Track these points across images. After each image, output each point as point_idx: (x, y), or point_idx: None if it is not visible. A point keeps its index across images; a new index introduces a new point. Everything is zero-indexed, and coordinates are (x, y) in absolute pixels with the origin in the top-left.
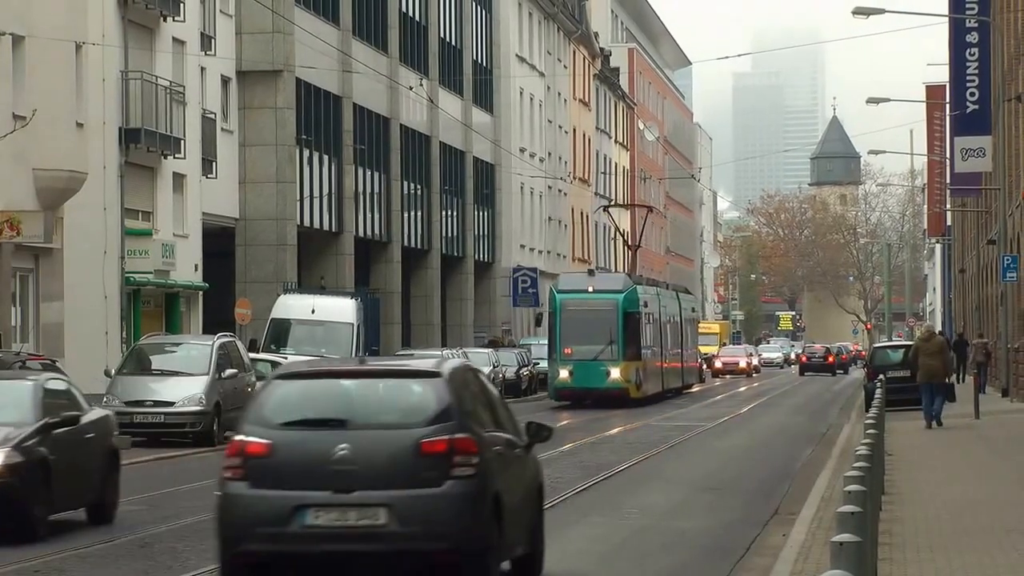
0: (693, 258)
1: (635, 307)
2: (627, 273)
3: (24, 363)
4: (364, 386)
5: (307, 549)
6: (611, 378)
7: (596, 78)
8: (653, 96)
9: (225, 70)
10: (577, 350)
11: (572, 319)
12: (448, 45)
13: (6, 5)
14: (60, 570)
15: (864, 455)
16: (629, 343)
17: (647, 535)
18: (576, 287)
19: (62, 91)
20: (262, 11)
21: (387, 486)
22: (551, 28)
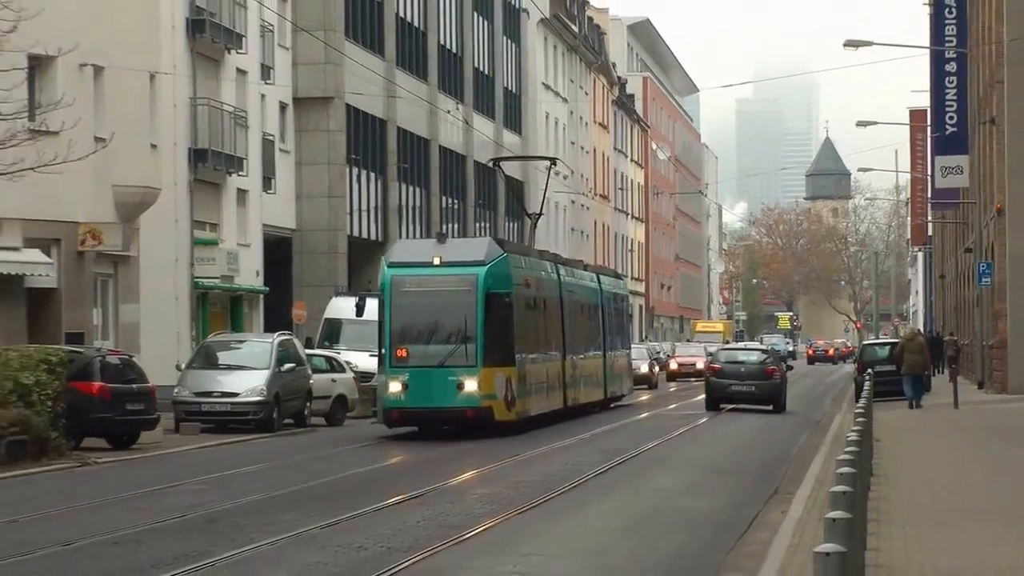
0: (700, 265)
1: (504, 286)
2: (495, 238)
3: (104, 358)
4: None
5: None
6: (464, 392)
7: (614, 103)
8: (665, 119)
9: (283, 97)
10: (415, 351)
11: (408, 305)
12: (481, 74)
13: (88, 40)
14: (137, 542)
15: (854, 440)
16: (494, 340)
17: (660, 513)
18: (416, 258)
19: (138, 116)
20: (315, 44)
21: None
22: (574, 59)
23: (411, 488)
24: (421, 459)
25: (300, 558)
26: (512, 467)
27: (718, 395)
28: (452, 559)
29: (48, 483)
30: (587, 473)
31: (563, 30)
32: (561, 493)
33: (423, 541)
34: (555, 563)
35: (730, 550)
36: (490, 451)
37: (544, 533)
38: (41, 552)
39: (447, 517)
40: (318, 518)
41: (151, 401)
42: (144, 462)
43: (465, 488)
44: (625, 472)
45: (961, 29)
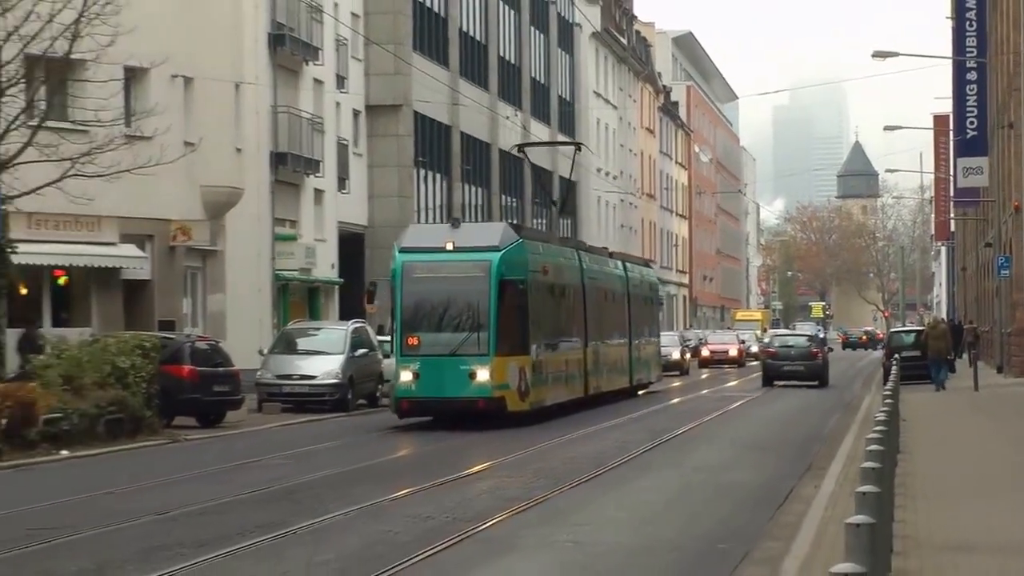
0: (740, 258)
1: (519, 273)
2: (511, 223)
3: (193, 343)
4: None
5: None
6: (476, 382)
7: (659, 110)
8: (706, 125)
9: (356, 104)
10: (426, 340)
11: (419, 292)
12: (538, 83)
13: (179, 53)
14: (223, 511)
15: (883, 420)
16: (507, 328)
17: (703, 487)
18: (428, 243)
19: (224, 122)
20: (386, 56)
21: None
22: (623, 69)
23: (471, 465)
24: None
25: (372, 527)
26: (562, 445)
27: (772, 374)
28: (511, 528)
29: (142, 458)
30: (634, 451)
31: (613, 43)
32: (610, 469)
33: (484, 512)
34: (606, 532)
35: (768, 521)
36: (535, 433)
37: (595, 505)
38: (137, 521)
39: (505, 490)
40: (388, 491)
41: (236, 383)
42: (229, 439)
43: (522, 463)
44: (669, 449)
45: (981, 40)
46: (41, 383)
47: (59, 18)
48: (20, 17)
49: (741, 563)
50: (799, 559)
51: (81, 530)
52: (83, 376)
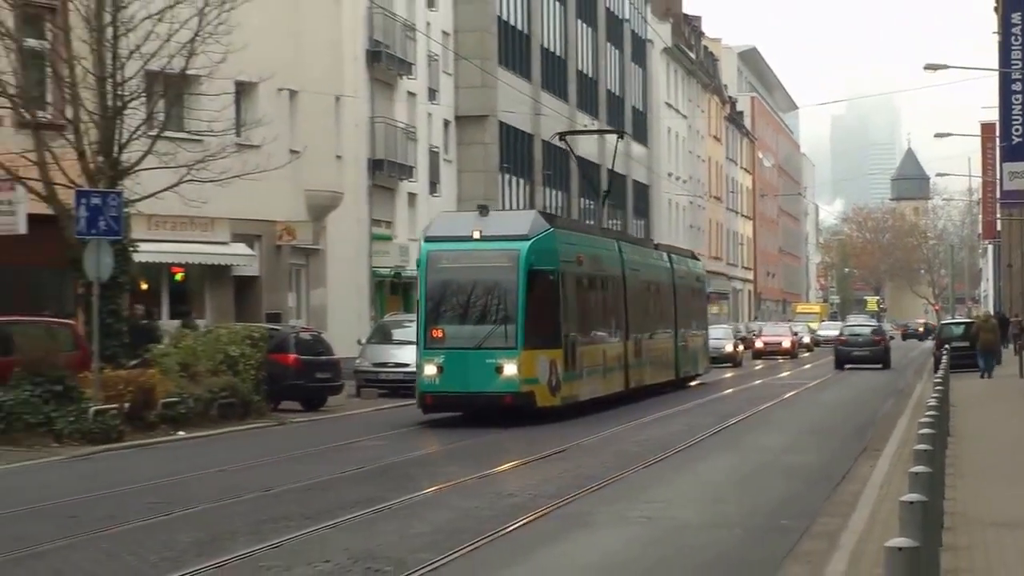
0: (800, 256)
1: (549, 262)
2: (543, 211)
3: (298, 334)
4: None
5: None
6: (504, 376)
7: (726, 119)
8: (769, 133)
9: (446, 115)
10: (452, 332)
11: (444, 283)
12: (613, 95)
13: (284, 68)
14: (325, 488)
15: (934, 406)
16: (537, 320)
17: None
18: (455, 232)
19: (325, 132)
20: (473, 70)
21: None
22: (691, 82)
23: (551, 447)
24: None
25: (460, 503)
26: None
27: (843, 358)
28: (589, 505)
29: (251, 439)
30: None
31: (682, 57)
32: (679, 451)
33: (564, 490)
34: (676, 508)
35: (826, 499)
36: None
37: (666, 484)
38: (247, 496)
39: (583, 470)
40: (475, 470)
41: (337, 370)
42: (331, 422)
43: (597, 446)
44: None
45: None
46: (160, 370)
47: (176, 37)
48: (141, 37)
49: (802, 538)
50: (856, 534)
51: (196, 504)
52: (198, 364)
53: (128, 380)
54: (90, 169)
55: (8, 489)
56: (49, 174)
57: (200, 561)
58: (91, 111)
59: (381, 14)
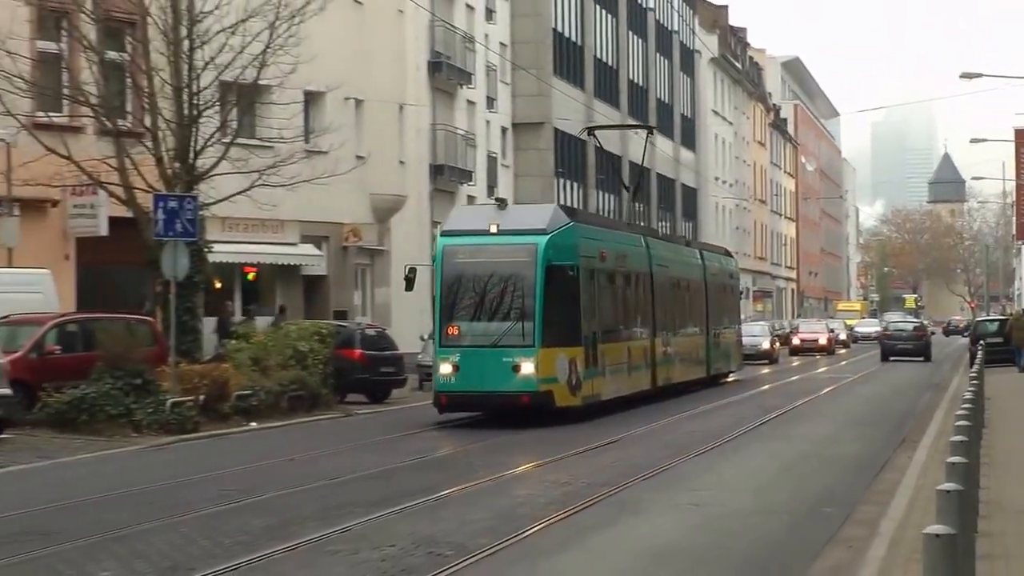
0: (841, 256)
1: (569, 258)
2: (564, 205)
3: (363, 330)
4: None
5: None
6: (521, 375)
7: (770, 126)
8: (812, 138)
9: (503, 122)
10: (467, 329)
11: (460, 278)
12: (662, 102)
13: (351, 79)
14: (388, 476)
15: (969, 399)
16: (555, 317)
17: (809, 457)
18: (472, 226)
19: (389, 138)
20: (530, 79)
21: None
22: (737, 90)
23: (604, 438)
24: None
25: (517, 491)
26: (686, 419)
27: (888, 351)
28: (640, 492)
29: (319, 429)
30: (745, 428)
31: (728, 67)
32: (729, 440)
33: (616, 478)
34: (723, 496)
35: (867, 487)
36: (647, 414)
37: (714, 472)
38: (315, 484)
39: (634, 459)
40: (531, 460)
41: (400, 365)
42: (394, 413)
43: (647, 436)
44: (776, 426)
45: None
46: (233, 364)
47: (249, 49)
48: (215, 49)
49: (843, 524)
50: (895, 521)
51: (267, 491)
52: (269, 358)
53: (203, 374)
54: (167, 174)
55: (91, 476)
56: (129, 179)
57: (272, 545)
58: (168, 119)
59: (442, 27)
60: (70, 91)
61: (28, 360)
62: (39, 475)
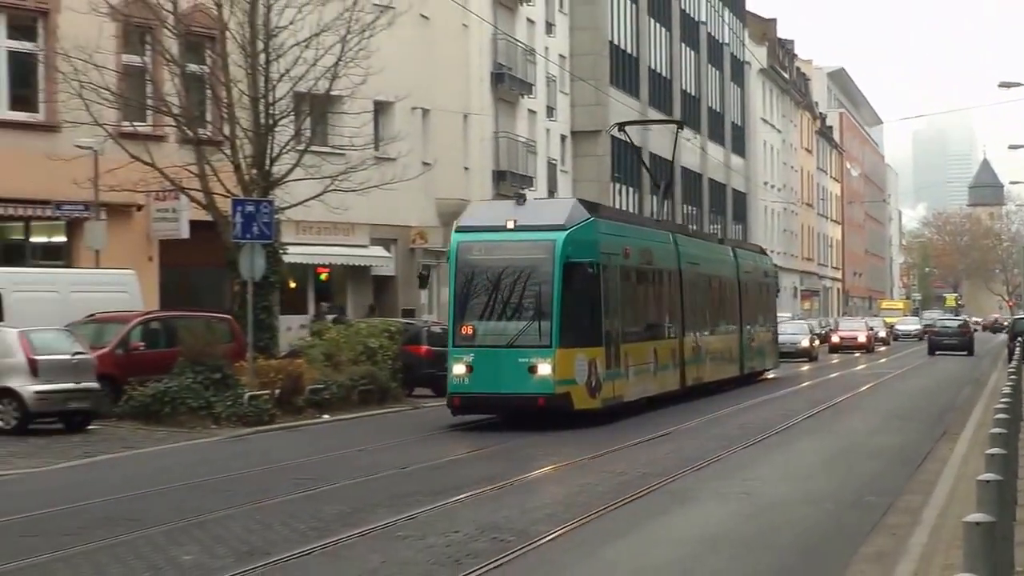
0: (884, 257)
1: (588, 254)
2: (584, 200)
3: (430, 327)
4: None
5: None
6: (537, 376)
7: (816, 133)
8: (856, 145)
9: (563, 130)
10: (482, 329)
11: (475, 276)
12: (714, 111)
13: (418, 89)
14: (450, 467)
15: (1008, 392)
16: (574, 316)
17: (853, 449)
18: (488, 222)
19: (454, 146)
20: (587, 89)
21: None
22: (785, 99)
23: (657, 430)
24: (675, 408)
25: (576, 480)
26: (738, 412)
27: (935, 346)
28: (692, 482)
29: (388, 422)
30: (795, 418)
31: (777, 77)
32: (776, 433)
33: (669, 468)
34: (771, 486)
35: (909, 478)
36: (679, 413)
37: (762, 463)
38: (384, 473)
39: (686, 451)
40: (589, 451)
41: None
42: None
43: (699, 428)
44: (821, 419)
45: None
46: (306, 360)
47: (321, 62)
48: (290, 62)
49: (887, 513)
50: (936, 510)
51: (339, 480)
52: (340, 354)
53: (278, 369)
54: (245, 180)
55: (173, 465)
56: (209, 185)
57: (344, 530)
58: (246, 128)
59: (504, 40)
60: (154, 102)
61: (114, 356)
62: (125, 464)
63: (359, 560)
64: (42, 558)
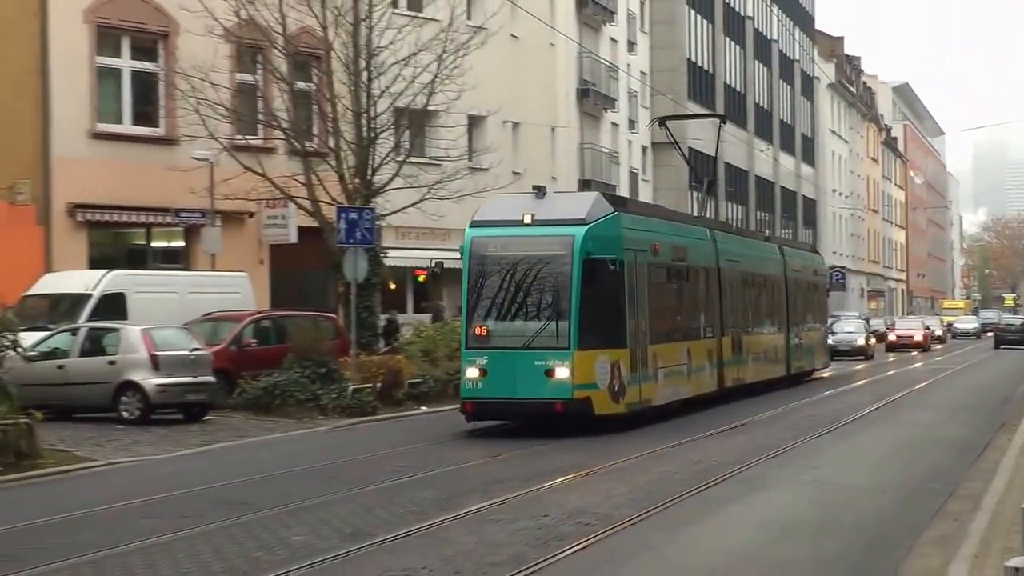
0: (946, 259)
1: (611, 250)
2: (608, 194)
3: None
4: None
5: None
6: (555, 380)
7: (882, 144)
8: (919, 155)
9: (643, 142)
10: (496, 330)
11: (489, 274)
12: (785, 124)
13: (508, 104)
14: (541, 455)
15: None
16: (595, 316)
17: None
18: (504, 217)
19: (543, 157)
20: (667, 103)
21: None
22: (852, 112)
23: (730, 422)
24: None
25: (656, 468)
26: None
27: (1001, 340)
28: (765, 469)
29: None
30: (855, 415)
31: (844, 91)
32: (843, 424)
33: (743, 457)
34: (840, 473)
35: (970, 466)
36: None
37: (831, 452)
38: (476, 461)
39: (760, 440)
40: (667, 441)
41: None
42: None
43: (772, 420)
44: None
45: None
46: (405, 355)
47: (419, 79)
48: (390, 79)
49: (949, 499)
50: (996, 496)
51: (436, 468)
52: (437, 350)
53: (380, 364)
54: (348, 189)
55: (283, 453)
56: (315, 193)
57: (441, 514)
58: (349, 141)
59: (589, 58)
60: (264, 117)
61: (228, 352)
62: (238, 452)
63: (455, 542)
64: (164, 538)
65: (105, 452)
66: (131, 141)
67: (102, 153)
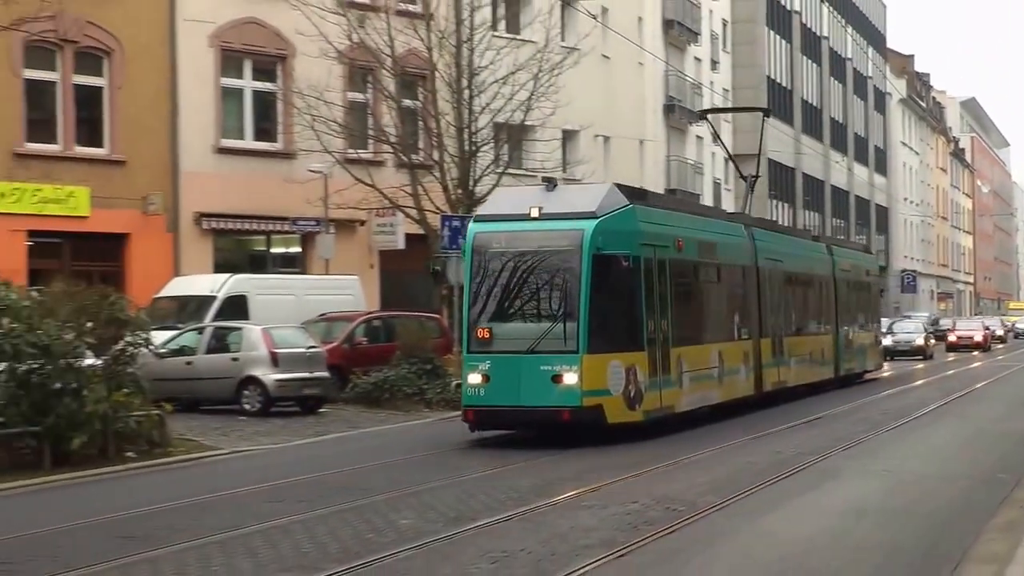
0: (1012, 263)
1: (624, 246)
2: (622, 185)
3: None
4: None
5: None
6: (562, 387)
7: (950, 155)
8: (986, 165)
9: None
10: (500, 332)
11: (493, 272)
12: (859, 136)
13: (600, 119)
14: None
15: None
16: (607, 317)
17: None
18: (510, 210)
19: (631, 169)
20: (748, 118)
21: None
22: (922, 125)
23: (806, 415)
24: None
25: (737, 459)
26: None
27: None
28: (839, 461)
29: None
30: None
31: (915, 105)
32: (913, 419)
33: (818, 448)
34: (910, 464)
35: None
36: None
37: (901, 444)
38: (571, 451)
39: (833, 433)
40: (750, 432)
41: None
42: None
43: (845, 414)
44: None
45: None
46: None
47: (517, 96)
48: (490, 96)
49: (1015, 488)
50: None
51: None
52: None
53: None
54: (451, 199)
55: (392, 443)
56: (421, 203)
57: (537, 500)
58: (452, 154)
59: (675, 75)
60: (374, 132)
61: (341, 349)
62: (351, 441)
63: (550, 525)
64: (283, 520)
65: (229, 441)
66: (252, 155)
67: (226, 167)
